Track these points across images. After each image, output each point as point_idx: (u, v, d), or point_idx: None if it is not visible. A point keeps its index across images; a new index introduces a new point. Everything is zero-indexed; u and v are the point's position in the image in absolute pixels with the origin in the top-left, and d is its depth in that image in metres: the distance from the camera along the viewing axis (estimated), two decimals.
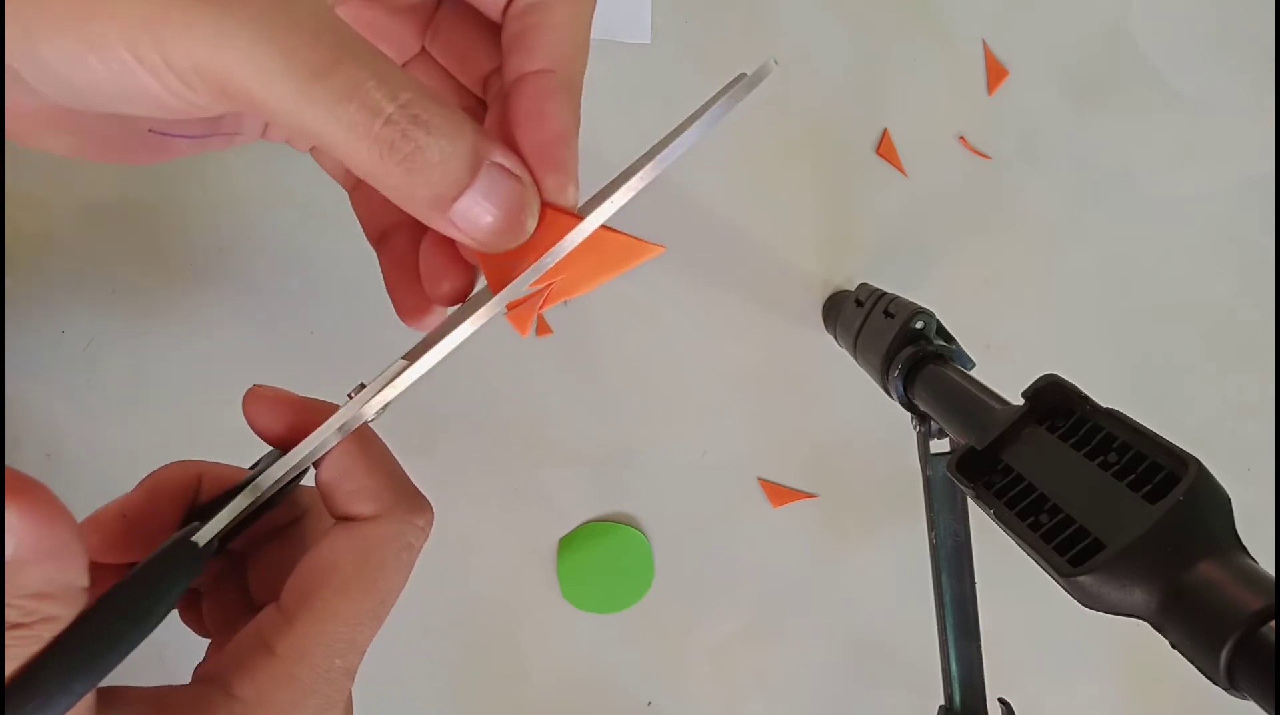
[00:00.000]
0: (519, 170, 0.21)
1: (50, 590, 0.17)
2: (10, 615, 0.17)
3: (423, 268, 0.24)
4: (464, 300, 0.24)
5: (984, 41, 0.64)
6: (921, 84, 0.63)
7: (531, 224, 0.21)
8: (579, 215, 0.22)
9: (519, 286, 0.22)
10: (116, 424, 0.56)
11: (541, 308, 0.23)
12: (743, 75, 0.22)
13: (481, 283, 0.24)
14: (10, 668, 0.17)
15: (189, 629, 0.26)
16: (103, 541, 0.22)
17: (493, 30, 0.24)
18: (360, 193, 0.26)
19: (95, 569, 0.21)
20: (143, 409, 0.56)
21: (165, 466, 0.23)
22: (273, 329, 0.57)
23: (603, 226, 0.22)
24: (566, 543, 0.60)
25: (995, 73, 0.64)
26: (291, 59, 0.18)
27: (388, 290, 0.25)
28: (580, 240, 0.22)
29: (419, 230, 0.25)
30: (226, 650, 0.21)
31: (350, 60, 0.18)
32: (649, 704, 0.62)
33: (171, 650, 0.21)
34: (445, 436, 0.59)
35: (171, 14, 0.18)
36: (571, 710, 0.61)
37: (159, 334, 0.57)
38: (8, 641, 0.17)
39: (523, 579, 0.60)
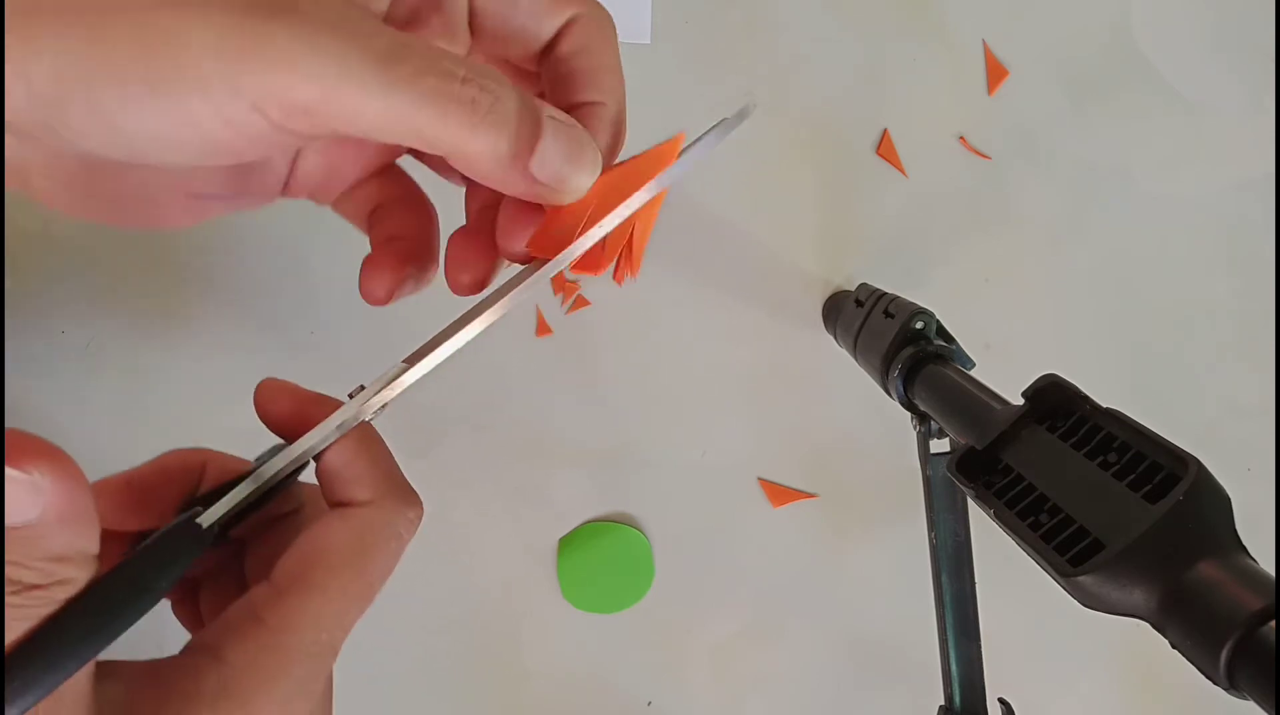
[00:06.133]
0: (573, 122, 0.23)
1: (69, 554, 0.18)
2: (30, 577, 0.17)
3: (448, 260, 0.26)
4: (482, 289, 0.25)
5: (984, 41, 0.64)
6: (921, 84, 0.63)
7: (598, 165, 0.23)
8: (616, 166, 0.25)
9: (573, 252, 0.24)
10: (116, 424, 0.56)
11: (639, 249, 0.25)
12: (724, 120, 0.25)
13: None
14: (24, 628, 0.17)
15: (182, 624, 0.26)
16: (107, 506, 0.23)
17: (525, 76, 0.27)
18: (379, 229, 0.28)
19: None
20: (143, 409, 0.56)
21: (174, 450, 0.25)
22: (272, 329, 0.57)
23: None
24: (566, 543, 0.60)
25: (995, 73, 0.64)
26: (367, 51, 0.19)
27: (363, 267, 0.27)
28: (628, 212, 0.24)
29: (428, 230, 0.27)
30: (218, 621, 0.22)
31: (413, 43, 0.20)
32: (649, 704, 0.62)
33: (171, 641, 0.21)
34: (446, 437, 0.59)
35: (242, 38, 0.18)
36: (571, 710, 0.61)
37: (159, 333, 0.56)
38: (26, 602, 0.17)
39: (523, 579, 0.60)
